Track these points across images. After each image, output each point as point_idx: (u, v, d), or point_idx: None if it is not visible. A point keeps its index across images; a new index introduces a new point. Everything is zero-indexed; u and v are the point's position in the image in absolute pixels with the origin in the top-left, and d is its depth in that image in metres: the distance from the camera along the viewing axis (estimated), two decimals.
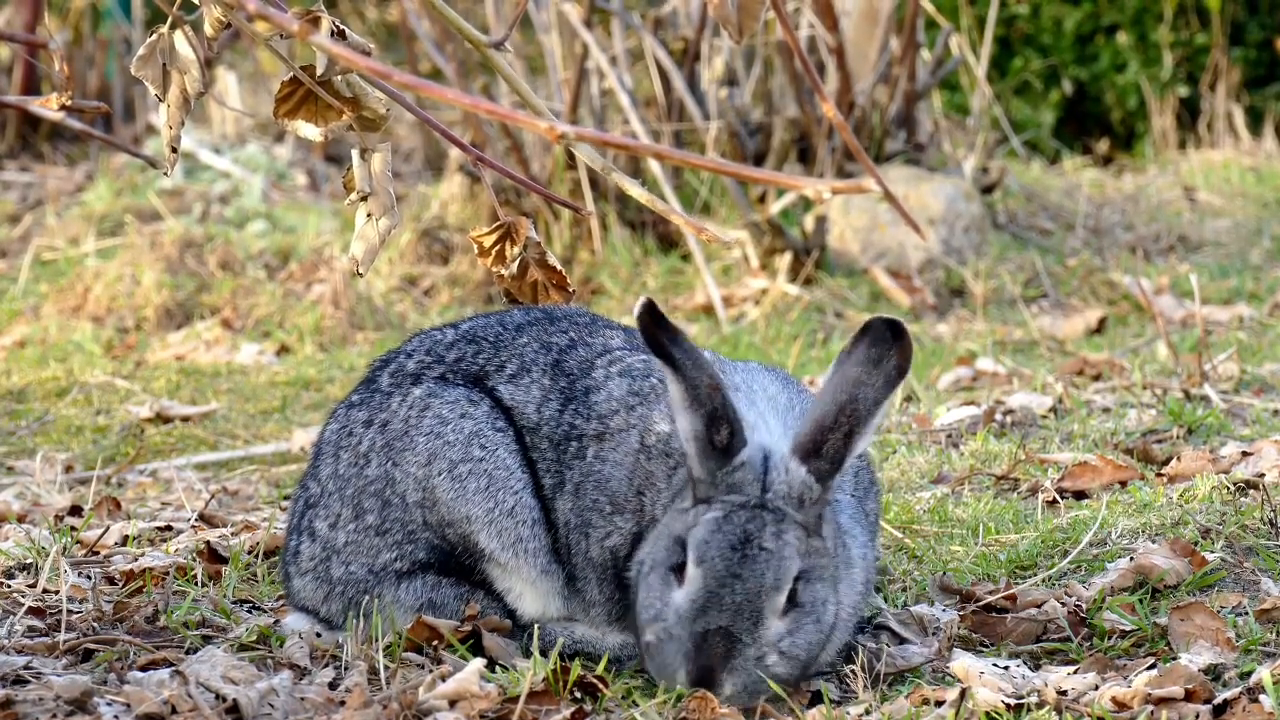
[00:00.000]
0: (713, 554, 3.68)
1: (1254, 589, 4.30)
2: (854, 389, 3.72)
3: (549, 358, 4.09)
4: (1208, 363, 6.34)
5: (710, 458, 3.73)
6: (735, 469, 3.72)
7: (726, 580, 3.67)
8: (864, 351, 3.75)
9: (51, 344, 8.66)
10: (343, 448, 4.11)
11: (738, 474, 3.73)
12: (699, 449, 3.73)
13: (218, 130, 12.04)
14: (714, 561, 3.68)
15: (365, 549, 4.05)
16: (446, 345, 4.16)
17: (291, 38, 3.23)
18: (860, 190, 2.76)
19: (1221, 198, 11.13)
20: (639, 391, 3.99)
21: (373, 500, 4.04)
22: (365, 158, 3.95)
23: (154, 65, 3.87)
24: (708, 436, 3.72)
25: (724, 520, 3.70)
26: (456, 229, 9.67)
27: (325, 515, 4.09)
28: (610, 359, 4.08)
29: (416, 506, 4.01)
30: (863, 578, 3.91)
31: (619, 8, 9.69)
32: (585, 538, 3.96)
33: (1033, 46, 13.56)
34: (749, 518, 3.70)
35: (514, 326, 4.17)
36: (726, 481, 3.73)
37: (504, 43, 3.86)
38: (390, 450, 4.04)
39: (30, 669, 3.87)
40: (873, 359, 3.74)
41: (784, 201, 9.39)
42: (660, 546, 3.78)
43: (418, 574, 4.03)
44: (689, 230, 3.91)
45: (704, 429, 3.72)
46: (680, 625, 3.68)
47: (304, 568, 4.11)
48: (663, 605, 3.71)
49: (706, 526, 3.70)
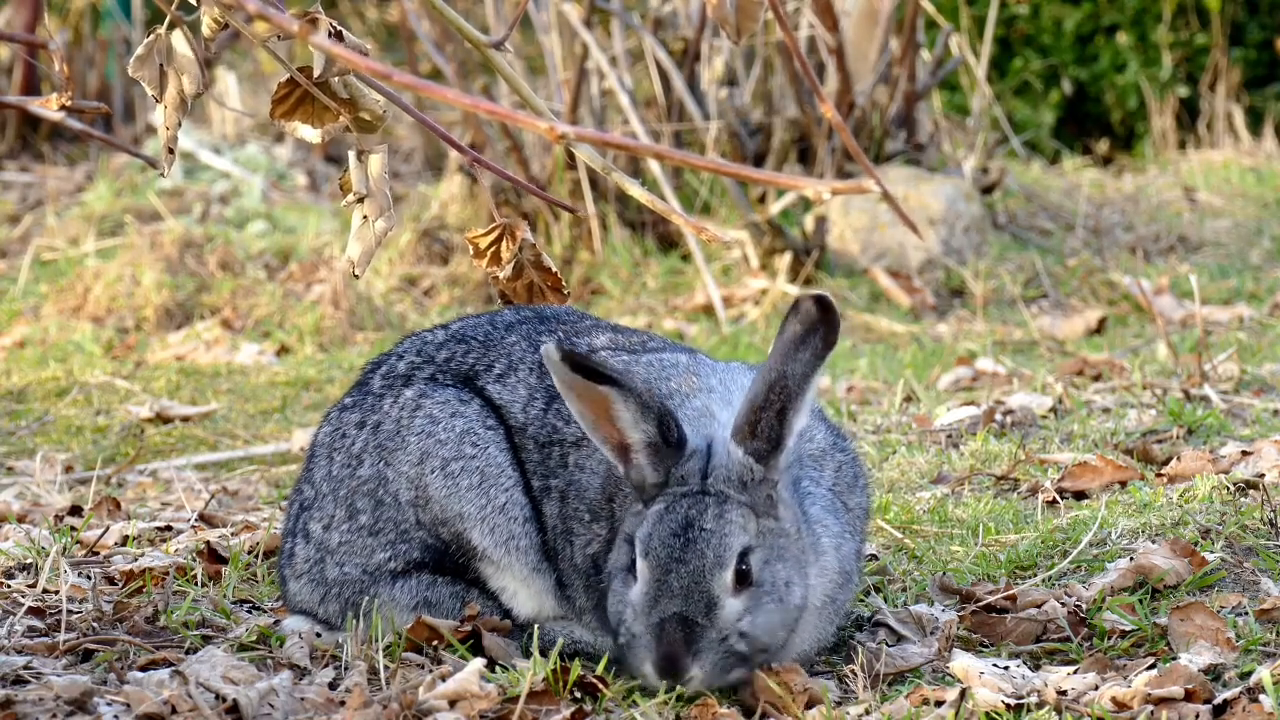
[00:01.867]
0: (655, 544, 3.70)
1: (1254, 589, 4.30)
2: (782, 366, 3.74)
3: (536, 357, 4.09)
4: (1208, 363, 6.34)
5: (665, 457, 3.75)
6: (686, 460, 3.75)
7: (670, 566, 3.69)
8: (793, 330, 3.77)
9: (51, 344, 8.66)
10: (336, 449, 4.11)
11: (687, 465, 3.76)
12: (652, 453, 3.76)
13: (217, 130, 12.04)
14: (657, 551, 3.70)
15: (359, 549, 4.06)
16: (437, 346, 4.17)
17: (290, 38, 3.23)
18: (860, 191, 2.76)
19: (1221, 198, 11.14)
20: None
21: (366, 500, 4.05)
22: (362, 159, 3.95)
23: (151, 66, 3.87)
24: (661, 437, 3.75)
25: (666, 511, 3.73)
26: (456, 229, 9.67)
27: (319, 517, 4.10)
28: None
29: (409, 505, 4.01)
30: (836, 567, 3.91)
31: (619, 8, 9.69)
32: (570, 544, 3.98)
33: (1033, 47, 13.56)
34: (690, 504, 3.73)
35: (504, 326, 4.18)
36: (677, 476, 3.76)
37: (504, 42, 3.86)
38: (382, 450, 4.04)
39: (30, 669, 3.87)
40: (800, 337, 3.76)
41: (784, 202, 9.39)
42: (620, 552, 3.81)
43: (412, 573, 4.04)
44: (689, 230, 3.91)
45: (657, 431, 3.74)
46: (638, 621, 3.71)
47: (299, 570, 4.12)
48: (622, 606, 3.74)
49: (650, 520, 3.73)
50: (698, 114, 9.59)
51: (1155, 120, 13.15)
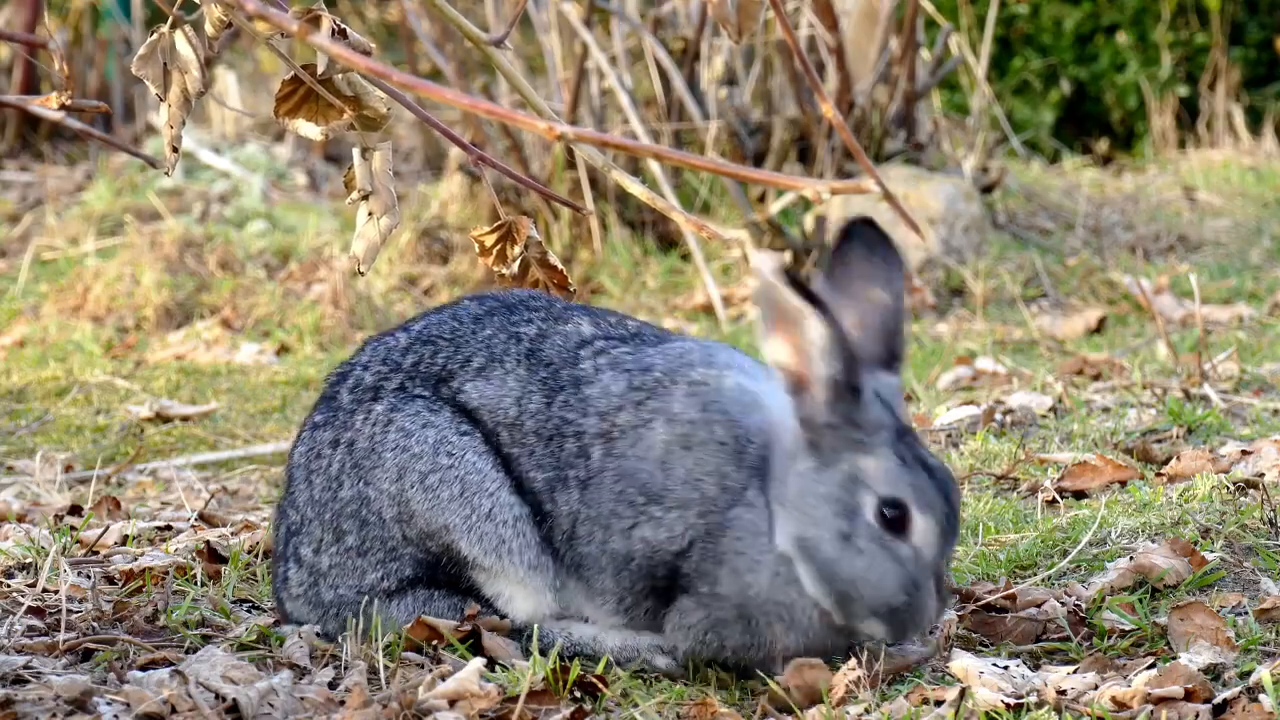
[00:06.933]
0: (930, 494, 3.71)
1: (1254, 589, 4.30)
2: (888, 288, 3.78)
3: (520, 348, 4.02)
4: (1207, 362, 6.34)
5: (844, 400, 3.72)
6: (868, 405, 3.73)
7: (949, 513, 3.72)
8: (863, 255, 3.80)
9: (51, 344, 8.66)
10: (314, 471, 4.06)
11: (872, 409, 3.73)
12: (835, 394, 3.72)
13: (217, 130, 12.04)
14: (934, 500, 3.71)
15: (350, 570, 4.02)
16: (402, 351, 4.08)
17: (292, 37, 3.23)
18: (860, 190, 2.76)
19: (1221, 198, 11.14)
20: (641, 386, 3.95)
21: (351, 522, 4.00)
22: (366, 156, 3.95)
23: (154, 64, 3.87)
24: (846, 379, 3.71)
25: (903, 460, 3.72)
26: (456, 228, 9.67)
27: (308, 541, 4.06)
28: (594, 349, 4.02)
29: (394, 522, 3.96)
30: None
31: (619, 8, 9.69)
32: (605, 529, 3.91)
33: (1032, 46, 13.57)
34: (909, 445, 3.74)
35: (471, 319, 4.09)
36: (863, 420, 3.73)
37: (504, 40, 3.86)
38: (360, 470, 3.99)
39: (30, 669, 3.86)
40: (881, 258, 3.80)
41: (783, 201, 9.39)
42: (822, 515, 3.75)
43: (407, 591, 4.00)
44: (689, 228, 3.91)
45: (843, 370, 3.71)
46: (924, 572, 3.71)
47: (295, 593, 4.10)
48: (897, 564, 3.72)
49: (896, 472, 3.71)
50: (697, 113, 9.59)
51: (1155, 120, 13.16)
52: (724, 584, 3.84)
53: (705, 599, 3.87)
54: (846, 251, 3.83)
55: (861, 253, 3.83)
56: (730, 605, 3.85)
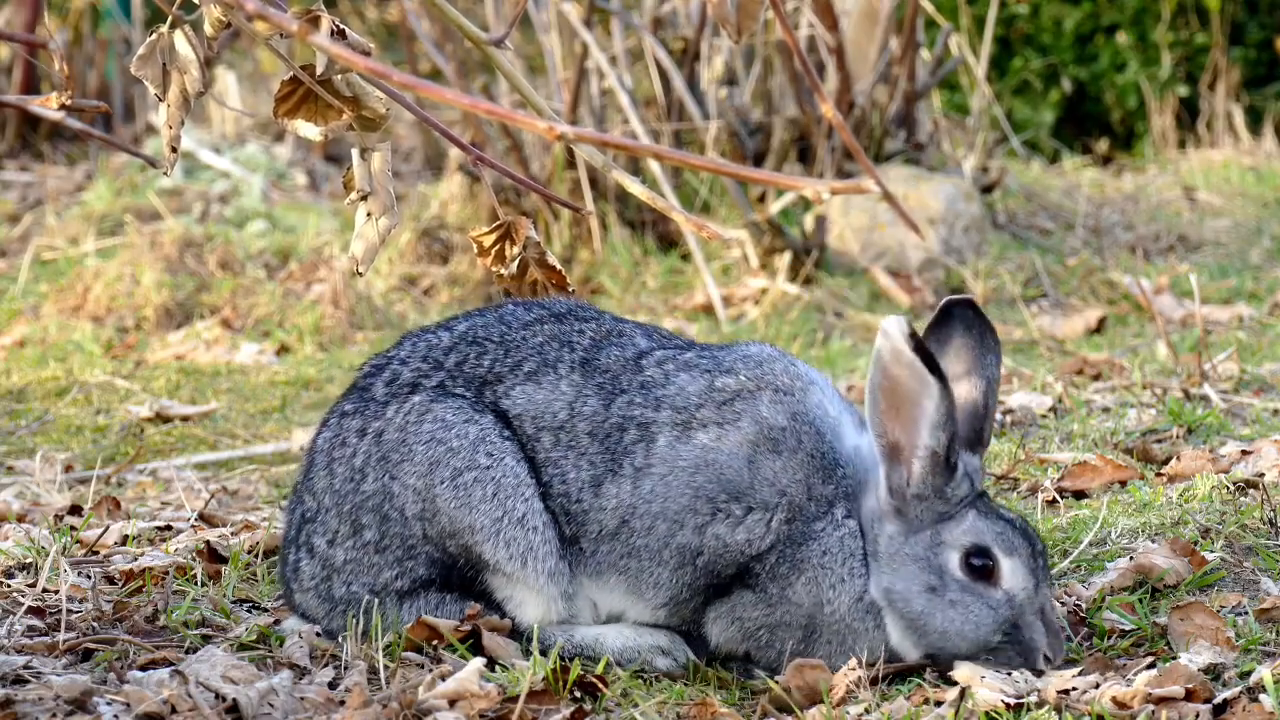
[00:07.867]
0: (1011, 538, 3.82)
1: (1254, 589, 4.30)
2: (983, 372, 3.88)
3: (574, 355, 3.98)
4: (1207, 362, 6.34)
5: (938, 475, 3.81)
6: (959, 482, 3.85)
7: (1033, 553, 3.84)
8: (962, 335, 3.90)
9: (51, 344, 8.66)
10: (336, 459, 4.00)
11: (962, 486, 3.85)
12: (933, 467, 3.81)
13: (217, 130, 12.04)
14: (1017, 543, 3.82)
15: (366, 567, 3.98)
16: (445, 349, 4.04)
17: (291, 37, 3.23)
18: (859, 190, 2.76)
19: (1221, 197, 11.14)
20: (723, 387, 3.93)
21: (371, 516, 3.95)
22: (365, 157, 3.95)
23: (154, 65, 3.87)
24: (945, 456, 3.81)
25: (984, 516, 3.84)
26: (456, 229, 9.67)
27: (323, 531, 4.01)
28: (657, 358, 3.99)
29: (416, 520, 3.92)
30: None
31: (619, 8, 9.69)
32: (674, 522, 3.87)
33: (1032, 46, 13.56)
34: (985, 503, 3.88)
35: (521, 325, 4.05)
36: (951, 495, 3.84)
37: (504, 40, 3.86)
38: (386, 463, 3.94)
39: (30, 669, 3.86)
40: (977, 340, 3.89)
41: (783, 201, 9.39)
42: (910, 573, 3.84)
43: (419, 593, 3.96)
44: (689, 228, 3.91)
45: (945, 447, 3.80)
46: (1021, 612, 3.80)
47: (305, 585, 4.06)
48: (989, 609, 3.82)
49: (981, 527, 3.83)
50: (697, 113, 9.58)
51: (1155, 120, 13.15)
52: (799, 591, 3.86)
53: (774, 599, 3.87)
54: (945, 330, 3.91)
55: (960, 332, 3.90)
56: (801, 613, 3.86)
